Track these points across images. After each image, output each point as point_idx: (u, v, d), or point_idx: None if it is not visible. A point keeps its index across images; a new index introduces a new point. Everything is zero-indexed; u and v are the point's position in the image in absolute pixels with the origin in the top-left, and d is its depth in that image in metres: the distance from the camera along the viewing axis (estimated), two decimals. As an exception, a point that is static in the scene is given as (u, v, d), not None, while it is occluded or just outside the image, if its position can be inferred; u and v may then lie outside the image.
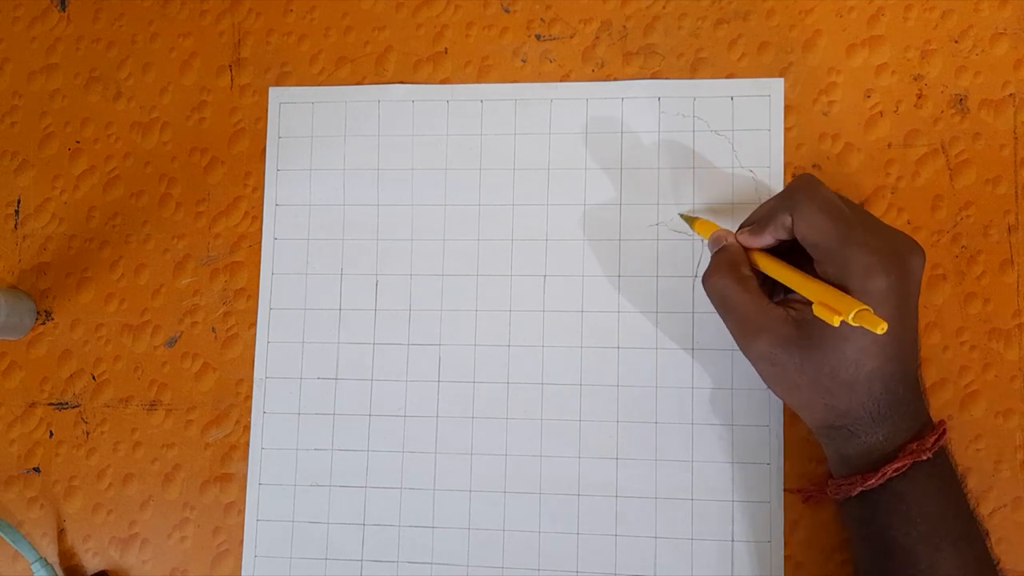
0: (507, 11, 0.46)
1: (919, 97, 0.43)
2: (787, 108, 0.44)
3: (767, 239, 0.38)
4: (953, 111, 0.43)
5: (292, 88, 0.47)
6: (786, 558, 0.41)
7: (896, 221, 0.42)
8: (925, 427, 0.37)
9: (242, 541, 0.45)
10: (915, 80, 0.43)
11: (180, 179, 0.47)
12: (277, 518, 0.45)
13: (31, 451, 0.47)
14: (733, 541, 0.42)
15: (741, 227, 0.40)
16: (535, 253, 0.45)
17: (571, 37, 0.46)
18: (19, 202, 0.48)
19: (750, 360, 0.38)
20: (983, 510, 0.40)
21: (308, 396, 0.45)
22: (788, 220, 0.37)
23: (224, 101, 0.48)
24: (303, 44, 0.47)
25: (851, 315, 0.32)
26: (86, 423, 0.47)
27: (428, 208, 0.45)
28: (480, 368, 0.44)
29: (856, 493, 0.36)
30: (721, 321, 0.38)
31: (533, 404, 0.44)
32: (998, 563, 0.37)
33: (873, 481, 0.36)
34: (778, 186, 0.43)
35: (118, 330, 0.47)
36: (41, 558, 0.45)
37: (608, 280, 0.44)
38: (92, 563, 0.46)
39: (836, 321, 0.33)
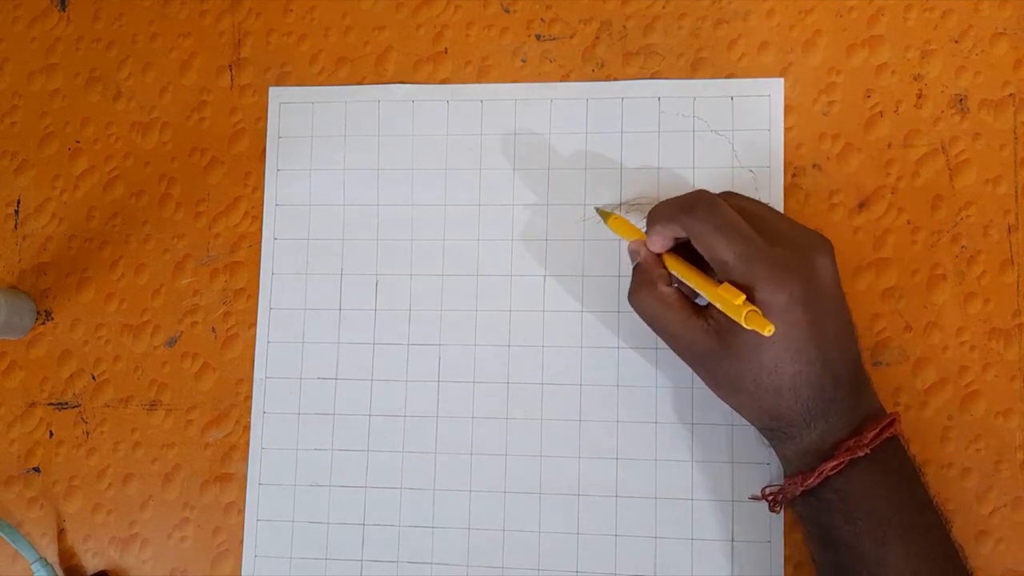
0: (507, 11, 0.46)
1: (919, 97, 0.43)
2: (787, 108, 0.44)
3: (667, 243, 0.39)
4: (953, 111, 0.43)
5: (292, 88, 0.47)
6: (786, 558, 0.41)
7: (896, 221, 0.42)
8: (866, 422, 0.37)
9: (242, 541, 0.45)
10: (915, 80, 0.43)
11: (180, 179, 0.47)
12: (277, 518, 0.45)
13: (31, 451, 0.47)
14: (733, 541, 0.42)
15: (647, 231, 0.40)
16: (535, 253, 0.45)
17: (571, 37, 0.46)
18: (19, 202, 0.48)
19: (691, 369, 0.39)
20: (983, 510, 0.41)
21: (308, 396, 0.45)
22: (683, 235, 0.38)
23: (224, 101, 0.48)
24: (303, 44, 0.47)
25: (742, 318, 0.34)
26: (86, 423, 0.47)
27: (428, 208, 0.45)
28: (480, 368, 0.44)
29: (800, 493, 0.37)
30: None
31: (533, 404, 0.44)
32: (961, 550, 0.37)
33: (812, 480, 0.36)
34: (778, 186, 0.43)
35: (118, 330, 0.47)
36: (41, 558, 0.45)
37: (608, 280, 0.44)
38: (92, 563, 0.46)
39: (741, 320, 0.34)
